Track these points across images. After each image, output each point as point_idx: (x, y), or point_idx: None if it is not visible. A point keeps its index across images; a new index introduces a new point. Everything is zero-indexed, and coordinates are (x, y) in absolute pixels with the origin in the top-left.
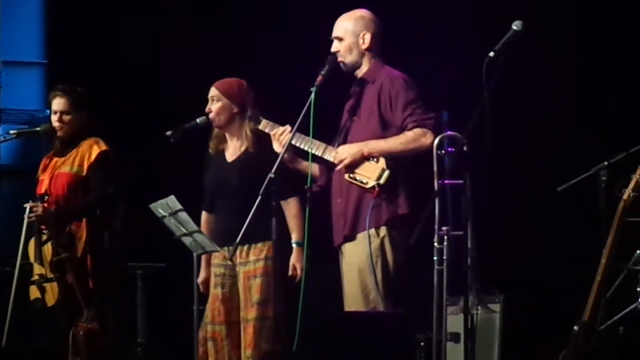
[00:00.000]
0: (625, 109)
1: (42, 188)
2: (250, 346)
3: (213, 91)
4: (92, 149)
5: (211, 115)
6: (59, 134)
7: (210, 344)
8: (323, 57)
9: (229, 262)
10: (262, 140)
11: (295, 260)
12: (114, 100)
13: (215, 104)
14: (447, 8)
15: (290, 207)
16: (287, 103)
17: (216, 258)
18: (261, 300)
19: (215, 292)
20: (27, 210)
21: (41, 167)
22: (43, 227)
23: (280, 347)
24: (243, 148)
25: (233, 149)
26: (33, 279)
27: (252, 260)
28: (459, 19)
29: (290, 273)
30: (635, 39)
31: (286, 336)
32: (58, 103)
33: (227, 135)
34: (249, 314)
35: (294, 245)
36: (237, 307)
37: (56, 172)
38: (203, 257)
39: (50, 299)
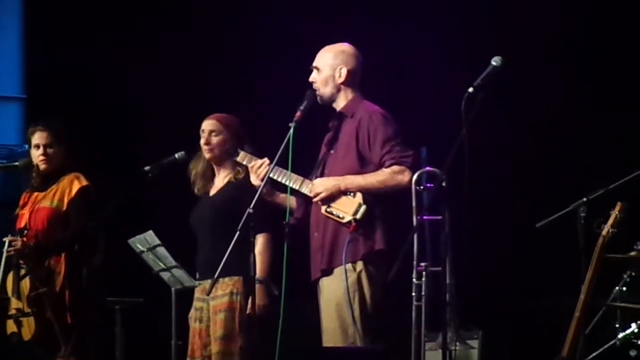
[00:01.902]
0: (603, 146)
1: (21, 222)
2: None
3: (213, 124)
4: (72, 184)
5: (208, 147)
6: (42, 167)
7: None
8: (303, 92)
9: (207, 297)
10: (247, 175)
11: (256, 298)
12: (92, 136)
13: (215, 137)
14: (427, 44)
15: (257, 243)
16: (266, 138)
17: (197, 292)
18: (224, 336)
19: (194, 326)
20: (6, 244)
21: (21, 203)
22: (21, 261)
23: None
24: (226, 180)
25: (217, 183)
26: (10, 313)
27: (220, 295)
28: (440, 55)
29: (247, 311)
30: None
31: None
32: (40, 137)
33: (216, 170)
34: (213, 348)
35: (257, 284)
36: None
37: (36, 207)
38: None
39: (27, 333)
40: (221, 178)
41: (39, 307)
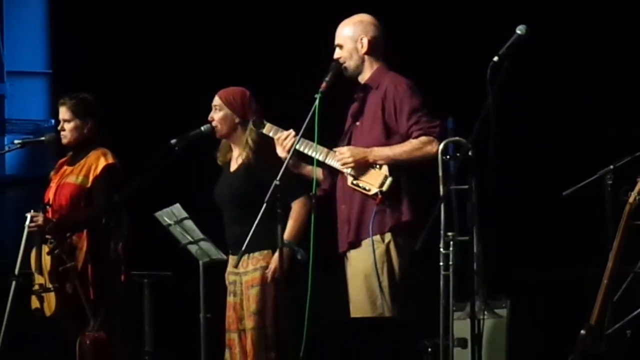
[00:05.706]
0: (630, 113)
1: (48, 195)
2: (250, 356)
3: (216, 100)
4: (99, 161)
5: (213, 124)
6: (63, 142)
7: (227, 351)
8: (327, 63)
9: (239, 270)
10: (262, 150)
11: (271, 261)
12: (118, 109)
13: (218, 113)
14: (452, 13)
15: (294, 209)
16: (292, 110)
17: (230, 266)
18: (258, 311)
19: (229, 300)
20: (28, 219)
21: (51, 174)
22: (49, 236)
23: (278, 357)
24: (241, 159)
25: (235, 159)
26: (34, 288)
27: (251, 270)
28: (464, 24)
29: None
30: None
31: (288, 345)
32: (60, 111)
33: (232, 145)
34: (247, 323)
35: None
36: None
37: (63, 182)
38: None
39: (48, 309)
40: (236, 155)
41: (60, 282)
